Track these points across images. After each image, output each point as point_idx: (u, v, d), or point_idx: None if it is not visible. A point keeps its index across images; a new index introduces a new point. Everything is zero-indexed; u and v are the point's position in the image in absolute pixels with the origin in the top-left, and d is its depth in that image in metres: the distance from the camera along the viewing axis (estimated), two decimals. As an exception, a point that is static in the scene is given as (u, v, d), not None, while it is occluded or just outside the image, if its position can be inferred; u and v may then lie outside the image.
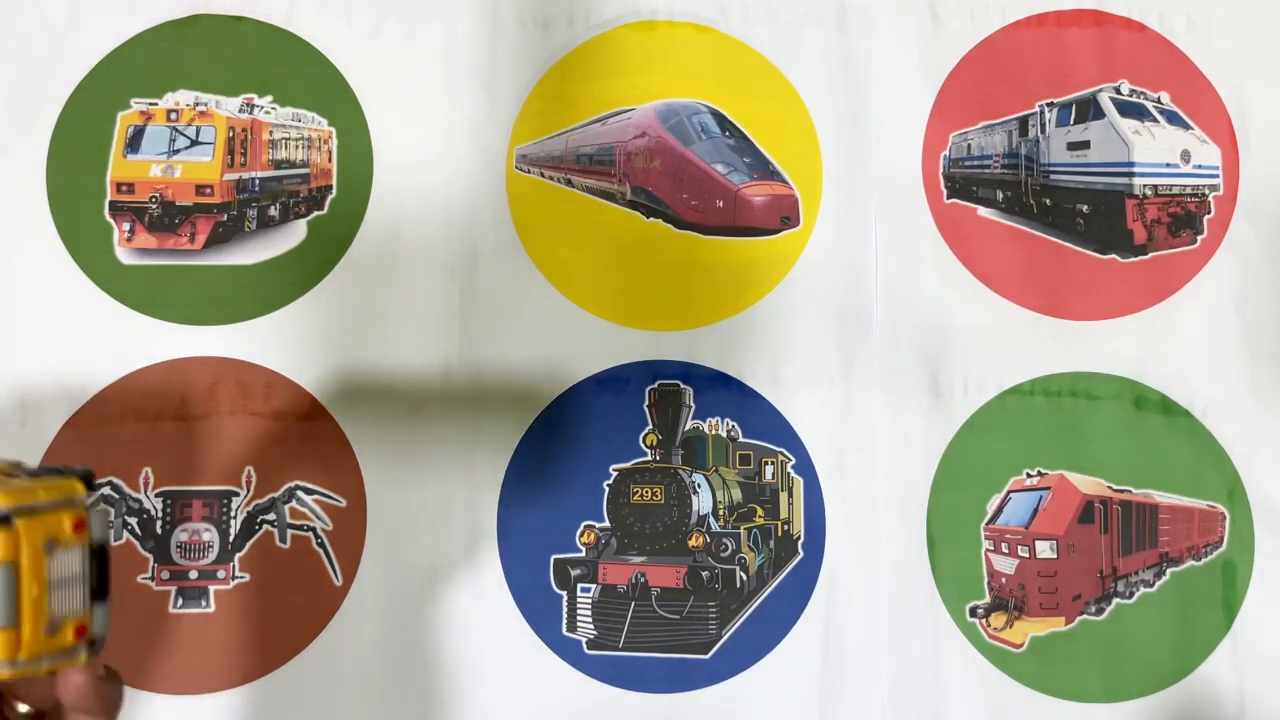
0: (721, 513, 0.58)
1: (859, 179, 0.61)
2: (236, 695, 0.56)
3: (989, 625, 0.57)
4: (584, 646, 0.57)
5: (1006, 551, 0.57)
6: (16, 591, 0.32)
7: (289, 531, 0.57)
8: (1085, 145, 0.61)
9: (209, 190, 0.61)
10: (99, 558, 0.34)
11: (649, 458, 0.58)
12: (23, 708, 0.35)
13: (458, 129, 0.61)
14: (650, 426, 0.59)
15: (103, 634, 0.34)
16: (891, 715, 0.56)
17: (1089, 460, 0.58)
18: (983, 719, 0.56)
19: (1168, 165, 0.61)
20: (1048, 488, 0.58)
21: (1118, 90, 0.61)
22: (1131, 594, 0.57)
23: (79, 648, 0.34)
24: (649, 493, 0.58)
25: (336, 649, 0.56)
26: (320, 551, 0.57)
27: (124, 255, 0.60)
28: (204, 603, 0.57)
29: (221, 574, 0.57)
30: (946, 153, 0.61)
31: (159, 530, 0.57)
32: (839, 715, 0.56)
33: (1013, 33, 0.62)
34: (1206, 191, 0.61)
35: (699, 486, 0.58)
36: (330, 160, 0.61)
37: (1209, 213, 0.61)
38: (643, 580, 0.57)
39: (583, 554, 0.57)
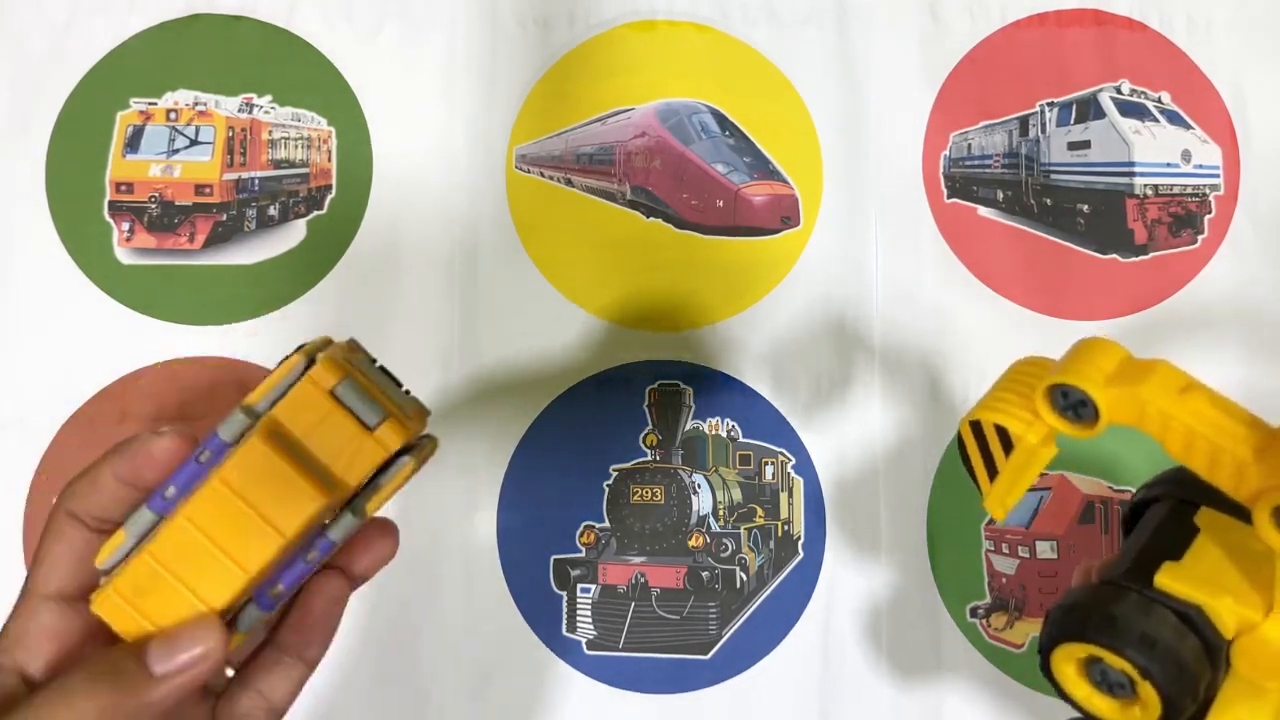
0: (721, 513, 0.58)
1: (859, 179, 0.61)
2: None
3: (990, 626, 0.57)
4: (584, 647, 0.57)
5: (1007, 552, 0.57)
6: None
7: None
8: (1086, 145, 0.61)
9: (208, 190, 0.61)
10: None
11: (649, 458, 0.58)
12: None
13: (457, 128, 0.61)
14: (650, 426, 0.59)
15: None
16: (892, 716, 0.56)
17: (1090, 460, 0.58)
18: (983, 719, 0.56)
19: (1168, 165, 0.61)
20: (1048, 488, 0.58)
21: (1118, 90, 0.61)
22: (1132, 594, 0.57)
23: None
24: (649, 493, 0.58)
25: (335, 649, 0.56)
26: (320, 552, 0.57)
27: (123, 255, 0.60)
28: (203, 603, 0.56)
29: (221, 574, 0.57)
30: (947, 152, 0.61)
31: (158, 530, 0.57)
32: (839, 715, 0.56)
33: (1013, 32, 0.62)
34: (1207, 191, 0.61)
35: (699, 487, 0.58)
36: (330, 160, 0.61)
37: (1210, 213, 0.60)
38: (643, 580, 0.57)
39: (582, 554, 0.57)
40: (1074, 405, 0.32)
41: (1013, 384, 0.35)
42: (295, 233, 0.60)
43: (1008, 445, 0.34)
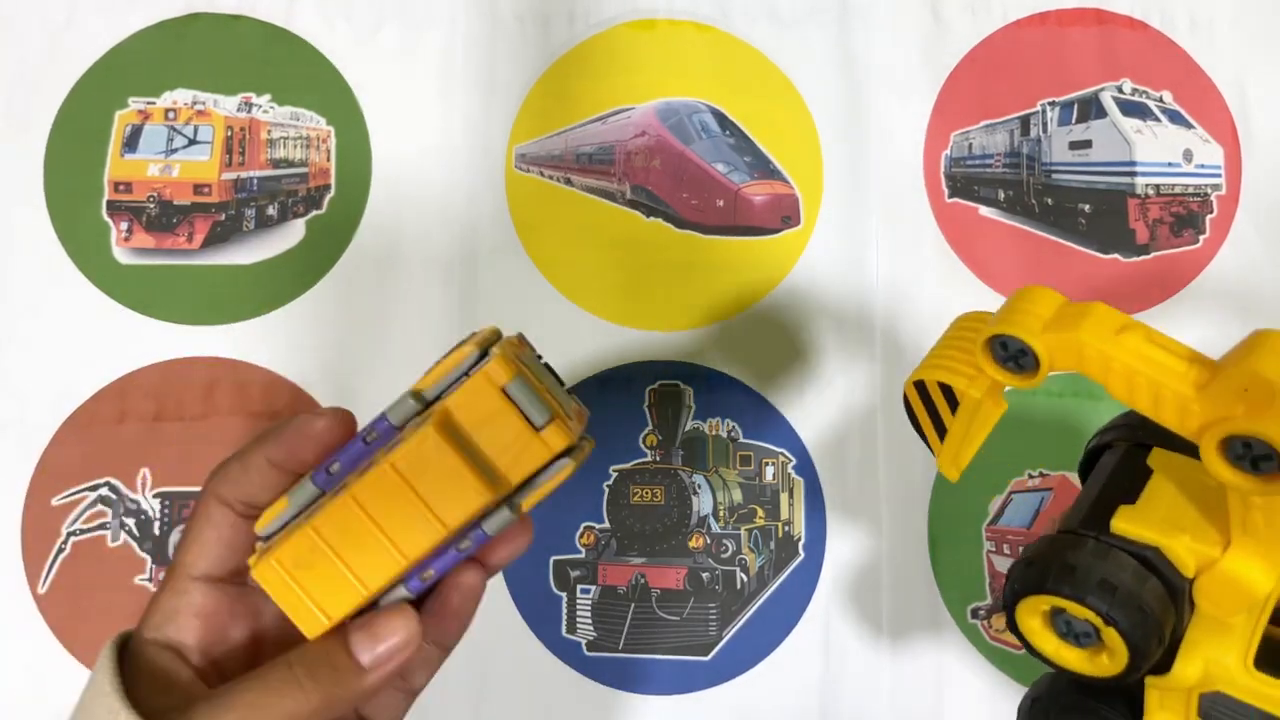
0: (722, 514, 0.58)
1: (860, 178, 0.60)
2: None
3: (991, 626, 0.56)
4: (584, 648, 0.56)
5: (1008, 552, 0.57)
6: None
7: (287, 532, 0.57)
8: (1087, 144, 0.61)
9: (207, 190, 0.60)
10: None
11: (649, 458, 0.58)
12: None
13: (457, 128, 0.61)
14: (650, 427, 0.59)
15: None
16: (892, 716, 0.55)
17: (1091, 461, 0.58)
18: (983, 718, 0.56)
19: (1170, 165, 0.61)
20: (1050, 489, 0.57)
21: (1120, 89, 0.61)
22: (1133, 595, 0.57)
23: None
24: (649, 493, 0.58)
25: (335, 650, 0.56)
26: (319, 553, 0.57)
27: (122, 255, 0.60)
28: (202, 604, 0.56)
29: (220, 575, 0.56)
30: (948, 152, 0.61)
31: (157, 531, 0.57)
32: (839, 716, 0.56)
33: (1014, 31, 0.62)
34: (1209, 191, 0.60)
35: (699, 487, 0.58)
36: (329, 159, 0.61)
37: (1211, 212, 0.60)
38: (643, 581, 0.57)
39: (582, 555, 0.57)
40: (1014, 355, 0.31)
41: (955, 341, 0.34)
42: (294, 232, 0.60)
43: (954, 403, 0.34)
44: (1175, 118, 0.61)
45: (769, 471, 0.58)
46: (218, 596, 0.35)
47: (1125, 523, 0.32)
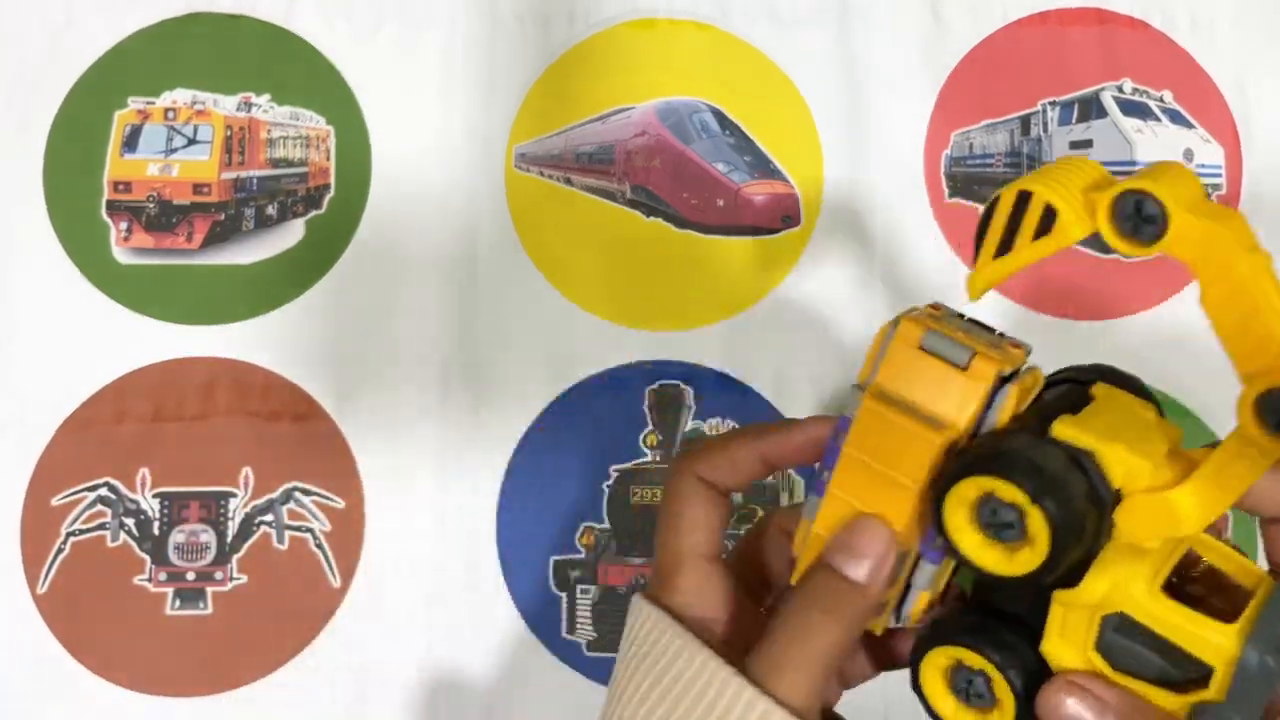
0: (722, 514, 0.57)
1: (860, 178, 0.60)
2: (235, 697, 0.55)
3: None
4: (584, 648, 0.56)
5: (1008, 553, 0.57)
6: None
7: (287, 533, 0.57)
8: (1088, 144, 0.61)
9: (206, 189, 0.60)
10: None
11: (649, 458, 0.58)
12: None
13: (456, 127, 0.61)
14: (650, 427, 0.58)
15: None
16: (890, 714, 0.55)
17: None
18: None
19: (1170, 164, 0.60)
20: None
21: (1120, 89, 0.61)
22: (1134, 595, 0.57)
23: None
24: (649, 494, 0.58)
25: (335, 651, 0.56)
26: (318, 553, 0.57)
27: (121, 255, 0.60)
28: (201, 604, 0.56)
29: (219, 575, 0.57)
30: (948, 151, 0.61)
31: (156, 531, 0.57)
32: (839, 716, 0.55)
33: (1015, 31, 0.62)
34: (1209, 191, 0.60)
35: (699, 487, 0.58)
36: (328, 159, 0.61)
37: (1212, 212, 0.60)
38: (643, 582, 0.57)
39: (582, 556, 0.57)
40: (1141, 219, 0.30)
41: (1068, 173, 0.33)
42: (294, 232, 0.60)
43: (1041, 230, 0.32)
44: (1176, 117, 0.61)
45: (769, 472, 0.58)
46: (721, 574, 0.36)
47: (1064, 427, 0.32)
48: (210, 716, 0.55)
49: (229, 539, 0.57)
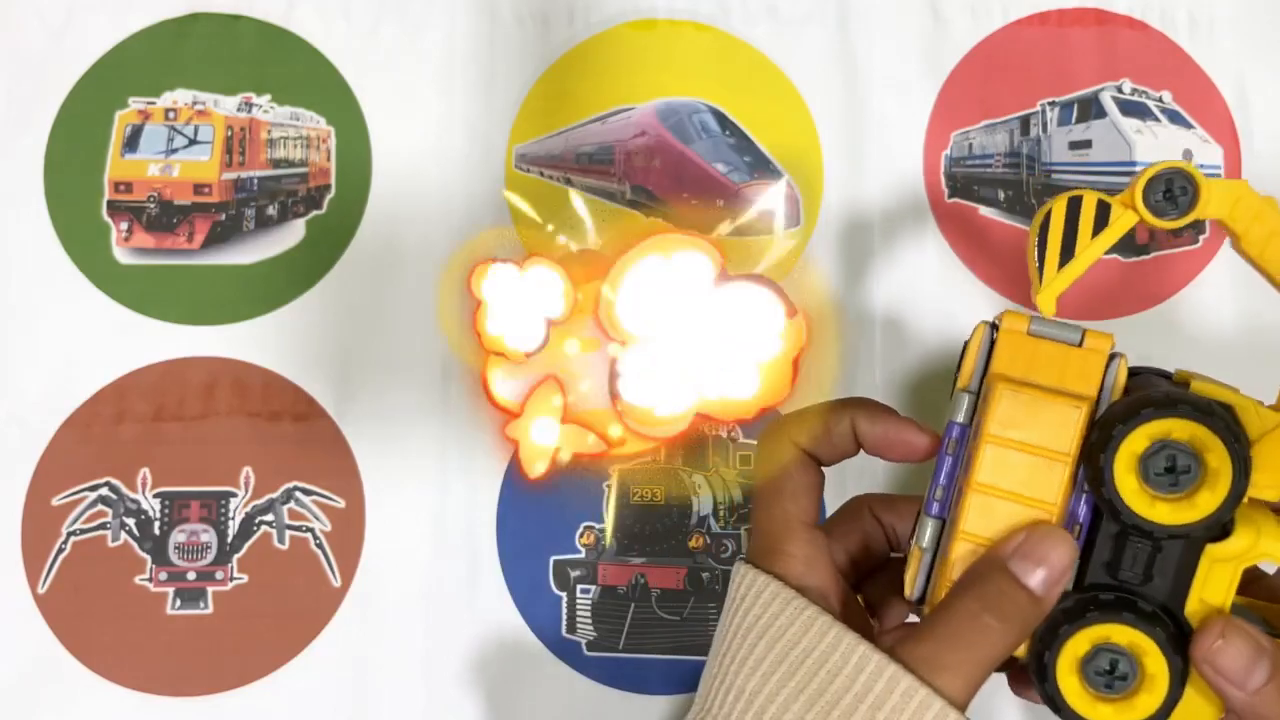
0: (722, 514, 0.58)
1: (860, 178, 0.60)
2: (235, 697, 0.55)
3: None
4: (584, 648, 0.56)
5: (1008, 552, 0.57)
6: None
7: (287, 532, 0.57)
8: (1087, 144, 0.61)
9: (207, 190, 0.60)
10: None
11: (649, 458, 0.58)
12: None
13: (457, 127, 0.61)
14: (650, 427, 0.58)
15: None
16: None
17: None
18: (984, 719, 0.56)
19: (1170, 165, 0.60)
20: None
21: (1120, 89, 0.61)
22: (1133, 595, 0.57)
23: None
24: (650, 493, 0.58)
25: (335, 650, 0.56)
26: (319, 553, 0.57)
27: (122, 255, 0.60)
28: (202, 604, 0.56)
29: (220, 575, 0.57)
30: (948, 152, 0.61)
31: (157, 531, 0.57)
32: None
33: (1014, 31, 0.62)
34: (1209, 191, 0.60)
35: (699, 487, 0.58)
36: (329, 159, 0.61)
37: (1211, 212, 0.60)
38: (642, 581, 0.57)
39: (582, 555, 0.57)
40: (1175, 193, 0.35)
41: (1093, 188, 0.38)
42: (294, 232, 0.60)
43: (1099, 227, 0.36)
44: (1175, 118, 0.61)
45: (769, 471, 0.58)
46: (827, 545, 0.37)
47: (1201, 384, 0.35)
48: (210, 716, 0.55)
49: (229, 539, 0.57)
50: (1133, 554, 0.35)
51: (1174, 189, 0.35)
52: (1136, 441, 0.33)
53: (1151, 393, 0.34)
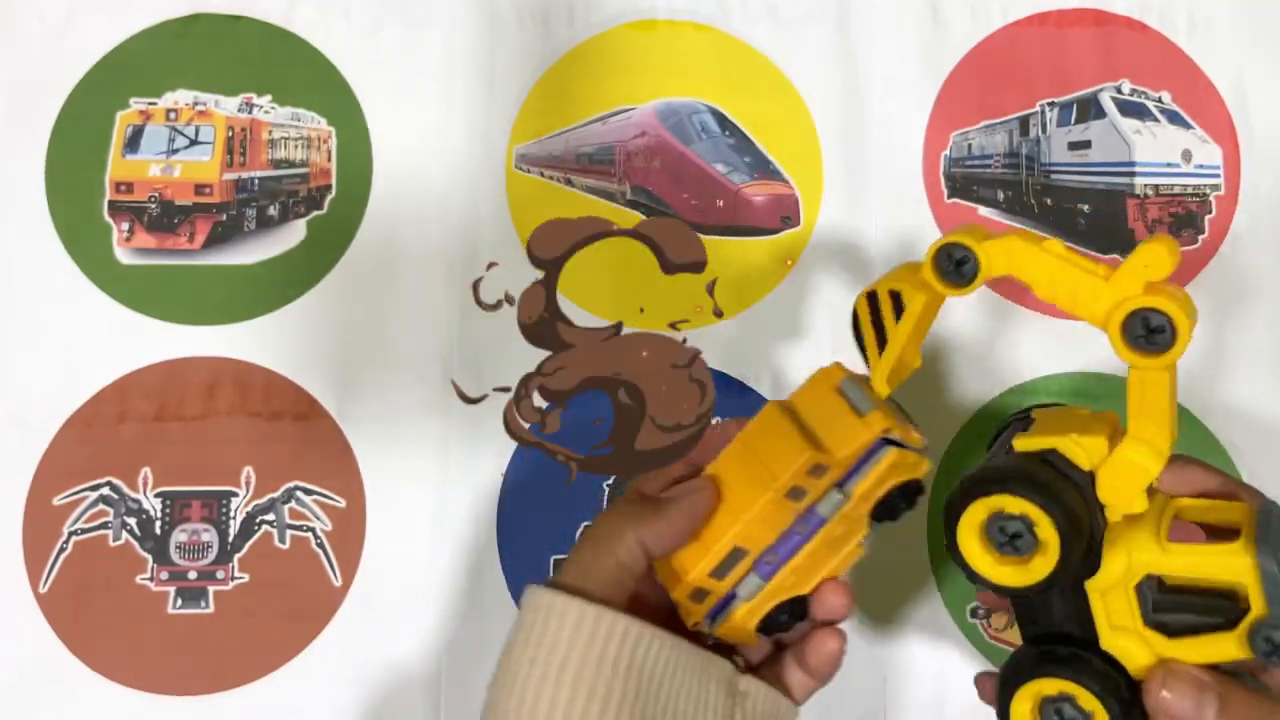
0: (722, 513, 0.57)
1: (859, 178, 0.61)
2: (235, 697, 0.55)
3: (990, 626, 0.57)
4: (584, 647, 0.56)
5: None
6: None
7: (288, 532, 0.57)
8: (1086, 145, 0.61)
9: (208, 190, 0.61)
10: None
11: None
12: None
13: (457, 128, 0.61)
14: (650, 427, 0.59)
15: None
16: (892, 716, 0.56)
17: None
18: (984, 719, 0.56)
19: (1169, 165, 0.61)
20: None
21: (1119, 90, 0.61)
22: (1132, 595, 0.57)
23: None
24: (649, 493, 0.58)
25: (336, 650, 0.56)
26: (320, 552, 0.57)
27: (123, 255, 0.60)
28: (203, 603, 0.56)
29: (220, 574, 0.57)
30: (947, 152, 0.61)
31: (158, 531, 0.57)
32: (839, 716, 0.56)
33: (1014, 32, 0.62)
34: (1208, 191, 0.61)
35: (699, 487, 0.58)
36: (329, 160, 0.61)
37: (1210, 212, 0.60)
38: (643, 581, 0.57)
39: (583, 555, 0.57)
40: (957, 263, 0.37)
41: (900, 270, 0.41)
42: (295, 233, 0.60)
43: (898, 312, 0.40)
44: (1174, 118, 0.61)
45: (769, 471, 0.58)
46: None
47: (1023, 442, 0.37)
48: (211, 716, 0.55)
49: (230, 538, 0.57)
50: (1027, 605, 0.39)
51: (956, 258, 0.37)
52: (976, 513, 0.36)
53: (986, 470, 0.37)
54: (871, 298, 0.41)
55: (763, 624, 0.41)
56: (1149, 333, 0.35)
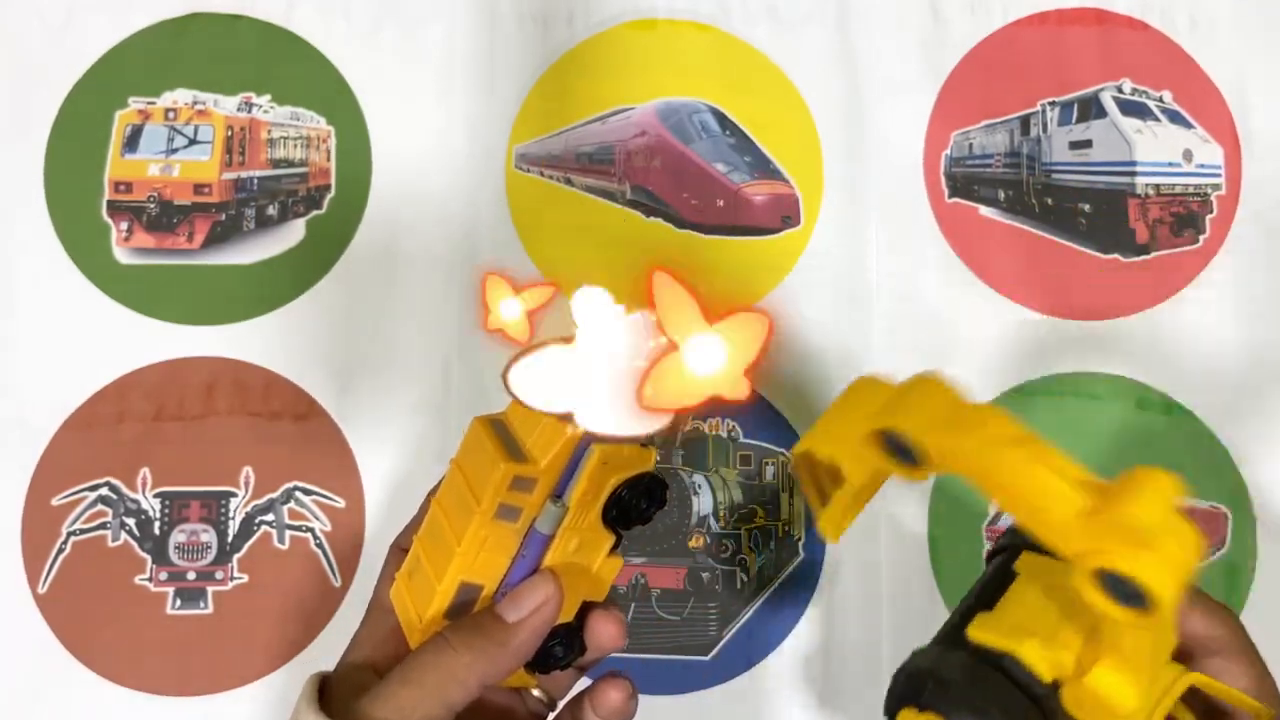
0: (722, 514, 0.58)
1: (860, 178, 0.60)
2: (235, 697, 0.55)
3: (990, 626, 0.56)
4: (584, 648, 0.56)
5: (1008, 552, 0.57)
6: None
7: (288, 532, 0.57)
8: (1087, 144, 0.61)
9: (207, 190, 0.60)
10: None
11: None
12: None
13: (457, 128, 0.61)
14: (650, 427, 0.58)
15: None
16: (892, 717, 0.56)
17: (1091, 461, 0.57)
18: (984, 720, 0.56)
19: (1170, 164, 0.61)
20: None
21: (1120, 89, 0.61)
22: (1133, 595, 0.57)
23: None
24: (649, 493, 0.58)
25: (336, 650, 0.56)
26: (319, 553, 0.57)
27: (122, 255, 0.60)
28: (202, 604, 0.56)
29: (220, 575, 0.57)
30: (948, 152, 0.61)
31: (157, 531, 0.57)
32: (840, 716, 0.56)
33: (1014, 31, 0.62)
34: (1209, 191, 0.60)
35: (699, 487, 0.58)
36: (329, 159, 0.61)
37: (1211, 212, 0.60)
38: (643, 581, 0.57)
39: (582, 555, 0.57)
40: (902, 449, 0.31)
41: (847, 410, 0.34)
42: (294, 232, 0.60)
43: (838, 474, 0.34)
44: (1175, 118, 0.61)
45: (769, 471, 0.58)
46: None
47: (979, 630, 0.32)
48: (211, 716, 0.55)
49: (230, 538, 0.57)
50: None
51: (898, 445, 0.31)
52: (913, 715, 0.33)
53: (924, 673, 0.33)
54: (808, 458, 0.35)
55: (536, 662, 0.38)
56: (1126, 592, 0.27)
